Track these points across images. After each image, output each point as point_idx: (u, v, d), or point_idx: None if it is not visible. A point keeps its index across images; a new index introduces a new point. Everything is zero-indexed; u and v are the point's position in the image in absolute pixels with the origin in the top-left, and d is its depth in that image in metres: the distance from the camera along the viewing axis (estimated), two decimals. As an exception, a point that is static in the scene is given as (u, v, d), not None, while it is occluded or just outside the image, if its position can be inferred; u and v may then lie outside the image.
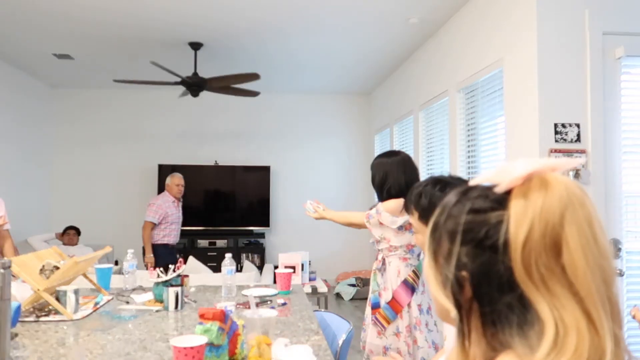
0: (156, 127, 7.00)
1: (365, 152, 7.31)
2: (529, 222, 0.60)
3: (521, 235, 0.60)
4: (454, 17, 4.13)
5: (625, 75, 2.93)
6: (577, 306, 0.58)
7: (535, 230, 0.59)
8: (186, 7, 3.93)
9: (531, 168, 0.62)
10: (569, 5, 2.92)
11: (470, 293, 0.64)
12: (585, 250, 0.58)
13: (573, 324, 0.57)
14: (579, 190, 0.62)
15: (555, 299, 0.58)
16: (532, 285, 0.59)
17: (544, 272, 0.59)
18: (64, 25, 4.35)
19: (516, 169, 0.63)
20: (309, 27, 4.42)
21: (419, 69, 5.09)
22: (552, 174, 0.63)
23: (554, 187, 0.61)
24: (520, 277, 0.60)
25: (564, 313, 0.58)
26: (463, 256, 0.64)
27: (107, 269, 2.46)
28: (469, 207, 0.65)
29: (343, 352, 1.89)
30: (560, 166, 0.64)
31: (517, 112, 3.14)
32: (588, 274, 0.58)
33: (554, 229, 0.59)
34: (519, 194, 0.62)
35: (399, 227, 2.34)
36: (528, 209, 0.60)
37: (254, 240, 6.87)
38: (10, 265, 1.26)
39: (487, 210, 0.64)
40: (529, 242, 0.59)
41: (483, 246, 0.63)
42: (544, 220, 0.59)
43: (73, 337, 1.70)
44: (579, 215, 0.60)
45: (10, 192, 5.52)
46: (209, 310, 1.37)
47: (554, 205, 0.60)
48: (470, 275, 0.64)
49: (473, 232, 0.64)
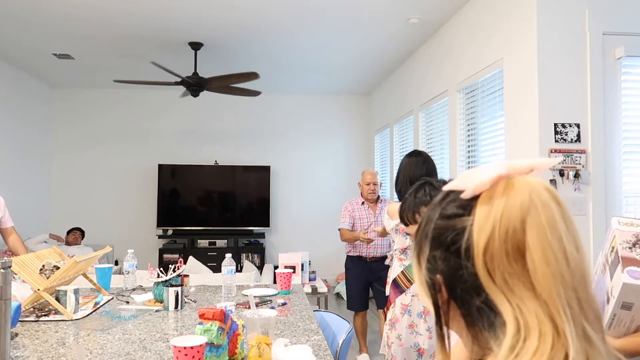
0: (156, 127, 7.01)
1: (365, 152, 7.31)
2: (490, 227, 0.60)
3: (482, 241, 0.60)
4: (454, 17, 4.13)
5: (625, 75, 2.93)
6: (541, 309, 0.58)
7: (496, 235, 0.60)
8: (186, 7, 3.93)
9: (496, 172, 0.62)
10: (569, 5, 2.92)
11: (447, 295, 0.65)
12: (546, 254, 0.58)
13: (535, 326, 0.57)
14: (546, 193, 0.61)
15: (520, 302, 0.59)
16: (496, 288, 0.60)
17: (507, 277, 0.59)
18: (64, 25, 4.35)
19: (481, 174, 0.63)
20: (309, 27, 4.42)
21: (419, 69, 5.09)
22: (520, 177, 0.63)
23: (517, 191, 0.61)
24: (485, 282, 0.61)
25: (527, 315, 0.58)
26: (437, 260, 0.66)
27: (107, 269, 2.46)
28: (440, 212, 0.67)
29: (343, 352, 1.89)
30: (538, 166, 0.63)
31: (517, 112, 3.14)
32: (549, 278, 0.58)
33: (515, 234, 0.59)
34: (484, 199, 0.62)
35: (394, 229, 2.43)
36: (490, 215, 0.61)
37: (254, 240, 6.87)
38: (10, 265, 1.26)
39: (454, 216, 0.65)
40: (490, 248, 0.60)
41: (451, 251, 0.64)
42: (505, 225, 0.60)
43: (73, 337, 1.70)
44: (540, 219, 0.59)
45: (10, 192, 5.52)
46: (209, 310, 1.37)
47: (515, 209, 0.60)
48: (444, 278, 0.65)
49: (442, 237, 0.65)
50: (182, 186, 6.82)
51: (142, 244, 6.77)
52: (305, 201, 7.21)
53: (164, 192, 6.76)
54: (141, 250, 6.61)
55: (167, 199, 6.76)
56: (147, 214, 6.93)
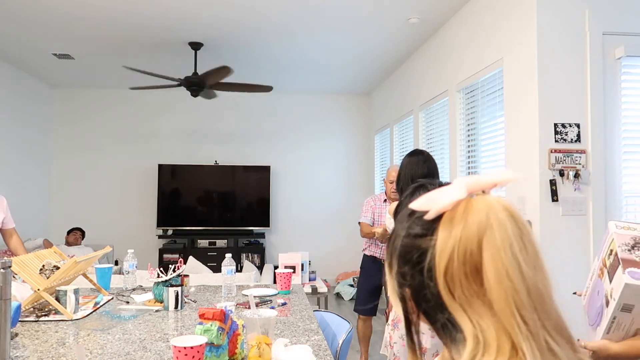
0: (156, 127, 7.01)
1: (365, 152, 7.31)
2: (449, 250, 0.62)
3: (443, 262, 0.62)
4: (454, 17, 4.13)
5: (625, 75, 2.93)
6: (499, 326, 0.60)
7: (455, 257, 0.62)
8: (186, 7, 3.93)
9: (458, 195, 0.64)
10: (569, 5, 2.92)
11: (415, 308, 0.68)
12: (499, 273, 0.60)
13: (494, 342, 0.59)
14: (503, 212, 0.63)
15: (480, 319, 0.61)
16: (457, 306, 0.62)
17: (467, 296, 0.61)
18: (64, 25, 4.35)
19: (443, 196, 0.65)
20: (309, 27, 4.42)
21: (419, 69, 5.09)
22: (480, 197, 0.65)
23: (475, 212, 0.63)
24: (447, 300, 0.63)
25: (486, 332, 0.60)
26: (405, 275, 0.68)
27: (107, 269, 2.46)
28: (406, 230, 0.69)
29: (343, 352, 1.89)
30: (500, 181, 0.65)
31: (517, 112, 3.14)
32: (502, 296, 0.60)
33: (472, 256, 0.61)
34: (446, 221, 0.64)
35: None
36: (450, 238, 0.63)
37: (254, 240, 6.87)
38: (10, 265, 1.26)
39: (419, 236, 0.67)
40: (450, 269, 0.62)
41: (416, 269, 0.66)
42: (463, 247, 0.62)
43: (73, 337, 1.70)
44: (495, 238, 0.61)
45: (10, 192, 5.52)
46: (209, 310, 1.37)
47: (472, 231, 0.62)
48: (412, 292, 0.67)
49: (409, 255, 0.67)
50: (182, 186, 6.82)
51: (142, 244, 6.77)
52: (305, 201, 7.21)
53: (164, 192, 6.76)
54: (141, 250, 6.61)
55: (167, 199, 6.76)
56: (147, 214, 6.93)
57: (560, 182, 2.86)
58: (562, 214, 2.85)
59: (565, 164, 2.87)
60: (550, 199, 2.86)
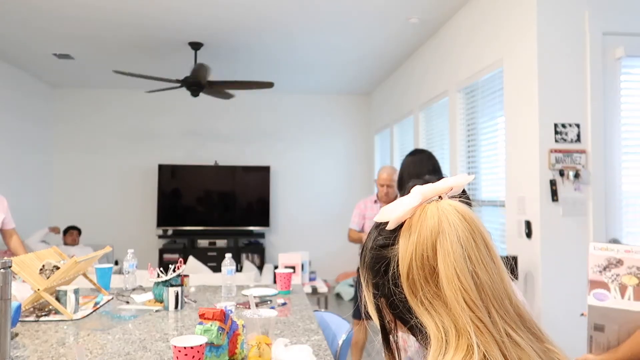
0: (156, 127, 7.01)
1: (365, 152, 7.31)
2: (409, 256, 0.66)
3: (404, 268, 0.66)
4: (454, 17, 4.13)
5: (625, 75, 2.93)
6: (456, 324, 0.62)
7: (414, 263, 0.65)
8: (186, 6, 3.93)
9: (413, 203, 0.67)
10: (569, 6, 2.92)
11: (391, 316, 0.71)
12: (448, 274, 0.63)
13: (453, 340, 0.62)
14: (454, 214, 0.66)
15: (443, 319, 0.63)
16: (422, 309, 0.65)
17: (429, 297, 0.64)
18: (64, 25, 4.35)
19: (401, 206, 0.68)
20: (309, 27, 4.42)
21: (419, 69, 5.09)
22: (433, 203, 0.68)
23: (428, 218, 0.66)
24: (412, 304, 0.66)
25: (448, 332, 0.63)
26: (377, 286, 0.71)
27: (107, 269, 2.46)
28: (372, 242, 0.72)
29: (343, 352, 1.89)
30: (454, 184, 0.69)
31: (517, 112, 3.14)
32: (452, 295, 0.62)
33: (428, 260, 0.65)
34: (405, 229, 0.68)
35: None
36: (408, 245, 0.66)
37: (254, 240, 6.87)
38: (10, 265, 1.26)
39: (383, 247, 0.70)
40: (410, 274, 0.65)
41: (385, 279, 0.69)
42: (419, 252, 0.65)
43: (73, 337, 1.70)
44: (446, 241, 0.64)
45: (10, 192, 5.51)
46: (209, 310, 1.37)
47: (426, 237, 0.65)
48: (385, 301, 0.70)
49: (377, 266, 0.70)
50: (182, 186, 6.82)
51: (142, 244, 6.77)
52: (305, 201, 7.21)
53: (164, 192, 6.76)
54: (141, 250, 6.61)
55: (167, 199, 6.76)
56: (147, 214, 6.93)
57: (560, 182, 2.86)
58: (562, 214, 2.85)
59: (565, 164, 2.87)
60: (550, 199, 2.86)
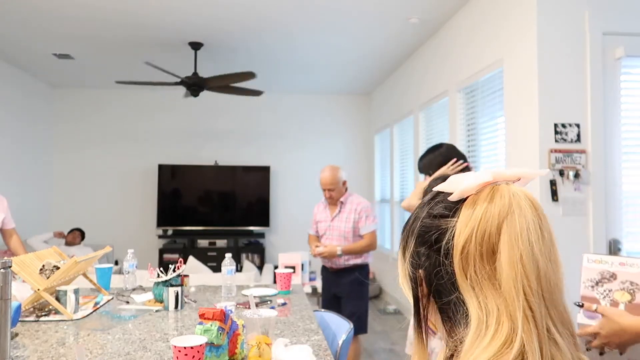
0: (156, 127, 7.01)
1: (365, 152, 7.31)
2: (469, 230, 0.65)
3: (461, 241, 0.65)
4: (454, 17, 4.13)
5: (625, 75, 2.93)
6: (503, 308, 0.62)
7: (474, 237, 0.64)
8: (186, 7, 3.93)
9: (483, 179, 0.67)
10: (569, 6, 2.92)
11: (426, 290, 0.70)
12: (512, 258, 0.62)
13: (493, 323, 0.61)
14: (526, 201, 0.66)
15: (485, 300, 0.63)
16: (467, 286, 0.65)
17: (478, 276, 0.64)
18: (64, 25, 4.35)
19: (468, 180, 0.68)
20: (309, 27, 4.42)
21: (419, 69, 5.09)
22: (505, 185, 0.67)
23: (499, 198, 0.65)
24: (459, 280, 0.65)
25: (489, 313, 0.62)
26: (421, 256, 0.70)
27: (107, 269, 2.46)
28: (428, 211, 0.71)
29: (343, 352, 1.89)
30: (525, 175, 0.69)
31: (517, 112, 3.14)
32: (511, 280, 0.62)
33: (490, 238, 0.64)
34: (469, 203, 0.67)
35: None
36: (471, 218, 0.65)
37: (254, 240, 6.87)
38: (10, 265, 1.26)
39: (441, 216, 0.70)
40: (466, 248, 0.65)
41: (434, 249, 0.69)
42: (482, 228, 0.64)
43: (73, 337, 1.70)
44: (515, 225, 0.63)
45: (10, 192, 5.51)
46: (209, 310, 1.37)
47: (494, 215, 0.64)
48: (425, 273, 0.70)
49: (427, 235, 0.70)
50: (182, 186, 6.82)
51: (142, 244, 6.77)
52: (305, 201, 7.20)
53: (164, 192, 6.76)
54: (141, 250, 6.61)
55: (167, 199, 6.76)
56: (147, 214, 6.93)
57: (560, 182, 2.86)
58: (562, 214, 2.85)
59: (565, 164, 2.87)
60: (550, 199, 2.86)
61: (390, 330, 4.82)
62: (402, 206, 2.73)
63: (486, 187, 0.67)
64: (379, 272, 6.61)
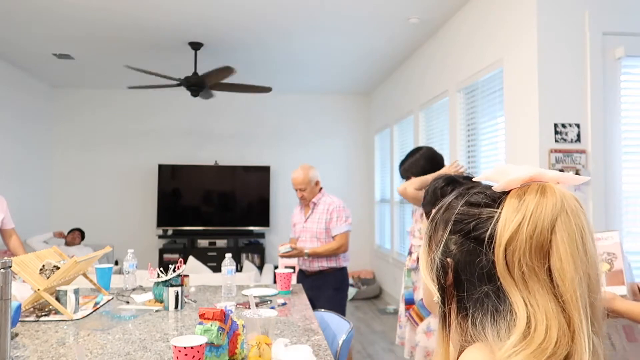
0: (156, 127, 7.00)
1: (365, 152, 7.30)
2: (517, 222, 0.63)
3: (507, 233, 0.63)
4: (454, 17, 4.13)
5: (625, 75, 2.93)
6: (558, 308, 0.61)
7: (523, 230, 0.63)
8: (186, 7, 3.93)
9: (530, 174, 0.66)
10: (569, 6, 2.92)
11: (452, 279, 0.69)
12: (574, 257, 0.62)
13: (543, 322, 0.60)
14: (575, 203, 0.65)
15: (532, 297, 0.62)
16: (511, 280, 0.63)
17: (525, 271, 0.62)
18: (64, 25, 4.35)
19: (516, 172, 0.67)
20: (309, 27, 4.42)
21: (419, 69, 5.09)
22: (552, 184, 0.66)
23: (549, 195, 0.64)
24: (501, 272, 0.64)
25: (537, 310, 0.61)
26: (451, 244, 0.70)
27: (107, 269, 2.46)
28: (466, 199, 0.71)
29: (343, 352, 1.89)
30: (565, 180, 0.68)
31: (517, 112, 3.14)
32: (575, 280, 0.61)
33: (542, 233, 0.62)
34: (515, 195, 0.66)
35: None
36: (519, 210, 0.64)
37: (254, 240, 6.87)
38: (10, 265, 1.26)
39: (481, 205, 0.69)
40: (514, 241, 0.63)
41: (470, 237, 0.68)
42: (534, 222, 0.63)
43: (73, 337, 1.70)
44: (571, 224, 0.63)
45: (10, 191, 5.51)
46: (209, 310, 1.37)
47: (546, 210, 0.63)
48: (454, 262, 0.69)
49: (463, 223, 0.69)
50: (182, 186, 6.82)
51: (142, 244, 6.77)
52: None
53: (164, 192, 6.76)
54: (141, 250, 6.61)
55: (167, 199, 6.76)
56: (147, 214, 6.93)
57: (560, 182, 2.86)
58: (562, 214, 2.85)
59: (565, 164, 2.87)
60: (550, 199, 2.86)
61: (390, 330, 4.82)
62: (398, 190, 2.74)
63: (532, 182, 0.67)
64: (379, 272, 6.61)
